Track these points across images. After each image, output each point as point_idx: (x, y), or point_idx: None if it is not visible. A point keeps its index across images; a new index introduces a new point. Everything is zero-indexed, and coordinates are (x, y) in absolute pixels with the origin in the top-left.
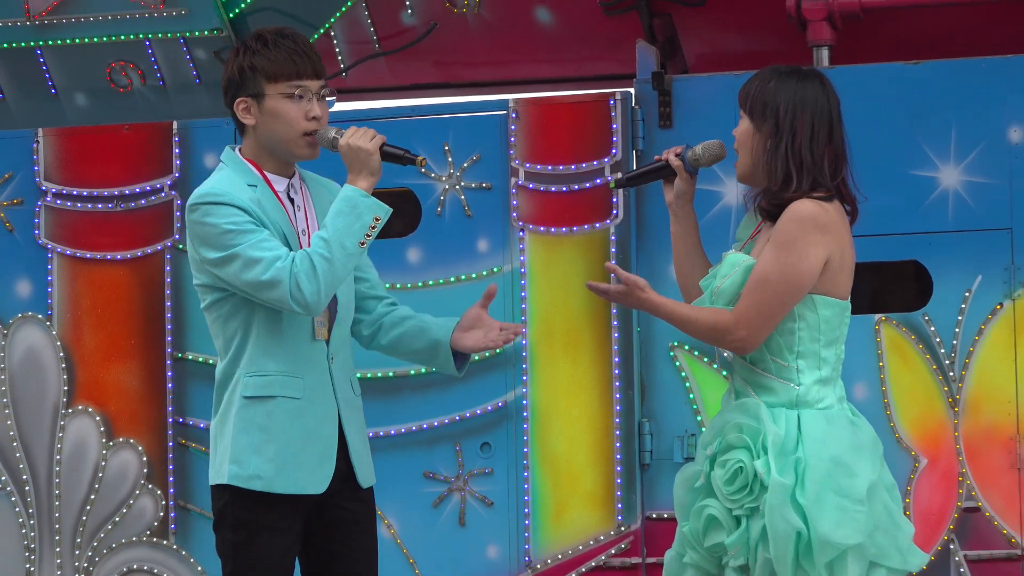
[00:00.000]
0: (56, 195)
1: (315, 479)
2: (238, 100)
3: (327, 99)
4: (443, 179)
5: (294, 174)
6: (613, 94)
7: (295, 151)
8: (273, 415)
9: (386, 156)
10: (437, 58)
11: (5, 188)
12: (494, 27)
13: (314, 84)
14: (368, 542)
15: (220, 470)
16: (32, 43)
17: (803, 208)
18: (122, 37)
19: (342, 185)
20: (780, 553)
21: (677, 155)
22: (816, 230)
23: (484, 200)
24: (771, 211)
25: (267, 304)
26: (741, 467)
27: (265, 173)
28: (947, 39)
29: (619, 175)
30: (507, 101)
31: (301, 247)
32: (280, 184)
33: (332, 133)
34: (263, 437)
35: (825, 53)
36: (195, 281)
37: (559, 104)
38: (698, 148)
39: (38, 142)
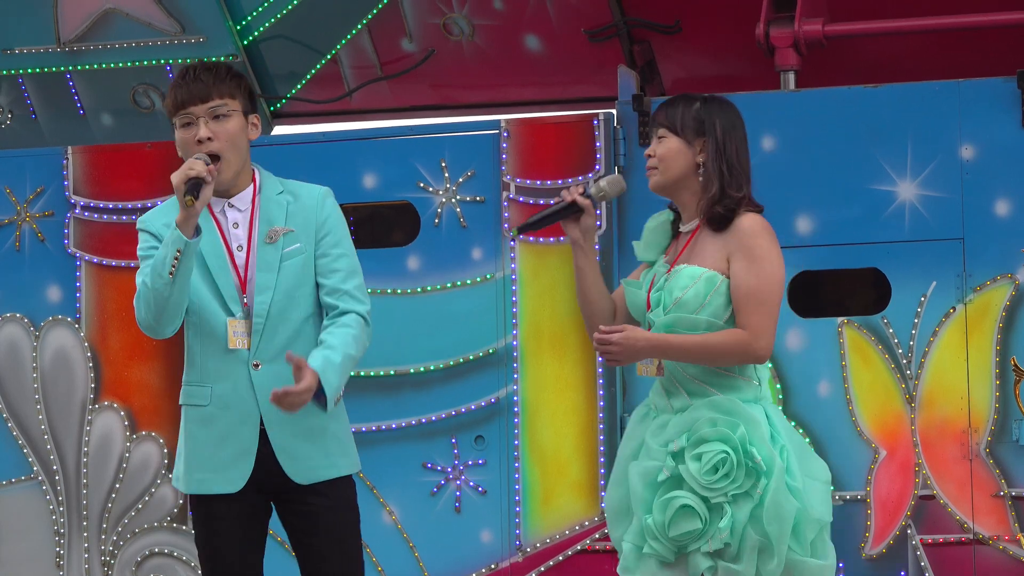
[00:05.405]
0: (84, 208)
1: (226, 480)
2: None
3: (234, 115)
4: (440, 193)
5: (237, 193)
6: (596, 115)
7: None
8: (187, 422)
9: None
10: (434, 82)
11: (37, 201)
12: (487, 53)
13: (199, 108)
14: (332, 531)
15: None
16: (62, 68)
17: (758, 221)
18: (144, 62)
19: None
20: (782, 532)
21: (582, 194)
22: (773, 237)
23: (478, 212)
24: (725, 215)
25: None
26: (724, 457)
27: None
28: (903, 64)
29: (521, 223)
30: (499, 121)
31: (234, 262)
32: (217, 204)
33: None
34: (183, 442)
35: (792, 77)
36: None
37: (547, 124)
38: (603, 183)
39: (67, 159)
